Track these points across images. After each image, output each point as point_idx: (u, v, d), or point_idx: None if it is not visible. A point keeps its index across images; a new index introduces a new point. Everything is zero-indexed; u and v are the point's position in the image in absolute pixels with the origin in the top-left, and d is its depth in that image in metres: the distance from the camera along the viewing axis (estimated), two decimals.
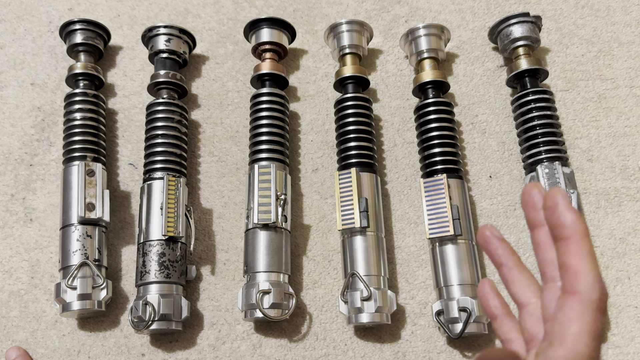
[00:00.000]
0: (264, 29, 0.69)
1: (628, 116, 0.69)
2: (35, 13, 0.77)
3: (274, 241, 0.59)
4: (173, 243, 0.59)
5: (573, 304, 0.28)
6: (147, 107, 0.66)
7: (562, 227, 0.29)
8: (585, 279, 0.28)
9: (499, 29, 0.69)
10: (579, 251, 0.29)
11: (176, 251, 0.59)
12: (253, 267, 0.59)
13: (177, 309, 0.57)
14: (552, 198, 0.29)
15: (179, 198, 0.59)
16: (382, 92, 0.73)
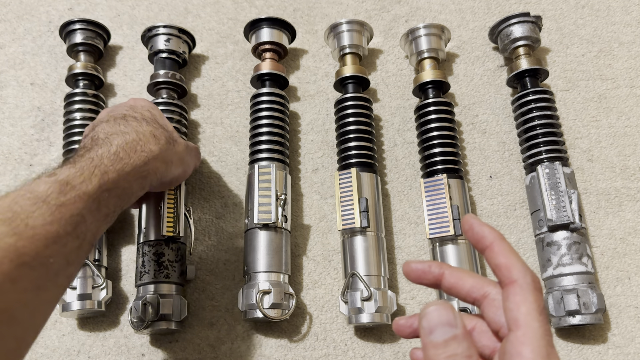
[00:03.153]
0: (264, 28, 0.69)
1: (628, 116, 0.69)
2: (35, 13, 0.77)
3: (274, 241, 0.59)
4: (172, 243, 0.59)
5: (515, 290, 0.32)
6: None
7: (483, 239, 0.35)
8: (516, 268, 0.33)
9: (499, 28, 0.69)
10: (503, 251, 0.34)
11: (175, 251, 0.59)
12: (253, 267, 0.59)
13: (176, 309, 0.57)
14: (467, 222, 0.35)
15: (178, 198, 0.59)
16: (383, 92, 0.73)
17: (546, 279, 0.59)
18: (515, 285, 0.33)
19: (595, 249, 0.63)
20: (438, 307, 0.33)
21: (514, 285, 0.33)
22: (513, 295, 0.32)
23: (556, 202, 0.59)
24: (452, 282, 0.36)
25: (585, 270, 0.57)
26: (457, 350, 0.31)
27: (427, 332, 0.32)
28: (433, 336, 0.32)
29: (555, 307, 0.56)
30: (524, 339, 0.31)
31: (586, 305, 0.55)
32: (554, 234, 0.59)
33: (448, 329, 0.32)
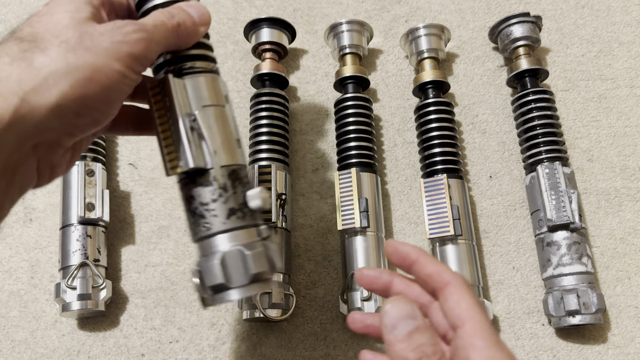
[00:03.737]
0: (264, 28, 0.69)
1: (628, 116, 0.69)
2: None
3: (273, 241, 0.59)
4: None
5: (451, 290, 0.34)
6: None
7: (408, 255, 0.36)
8: (445, 272, 0.35)
9: (499, 28, 0.69)
10: (429, 262, 0.36)
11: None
12: None
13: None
14: (389, 246, 0.37)
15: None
16: (382, 92, 0.73)
17: (546, 279, 0.59)
18: (450, 286, 0.34)
19: (595, 249, 0.63)
20: (396, 302, 0.33)
21: (448, 286, 0.34)
22: (450, 294, 0.34)
23: (556, 202, 0.59)
24: (400, 290, 0.37)
25: (585, 270, 0.57)
26: (422, 340, 0.32)
27: (390, 328, 0.33)
28: (397, 331, 0.32)
29: (555, 307, 0.56)
30: (472, 331, 0.32)
31: (586, 305, 0.55)
32: (554, 234, 0.59)
33: (409, 321, 0.33)
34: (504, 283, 0.62)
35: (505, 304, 0.61)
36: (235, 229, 0.37)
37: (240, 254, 0.36)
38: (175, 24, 0.37)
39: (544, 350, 0.59)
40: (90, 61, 0.33)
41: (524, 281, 0.62)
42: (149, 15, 0.38)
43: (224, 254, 0.36)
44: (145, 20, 0.37)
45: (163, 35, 0.37)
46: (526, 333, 0.60)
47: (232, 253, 0.36)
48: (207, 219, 0.38)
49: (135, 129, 0.44)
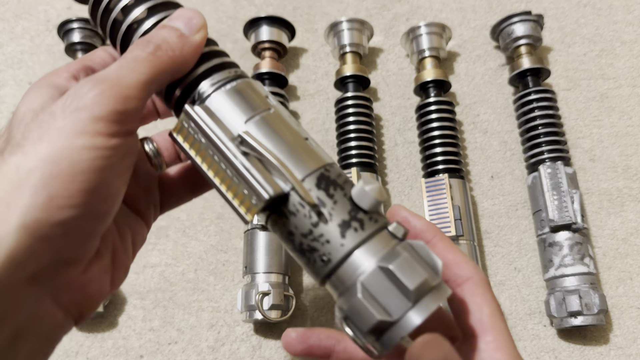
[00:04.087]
0: (263, 27, 0.68)
1: (630, 116, 0.69)
2: (33, 12, 0.77)
3: (273, 242, 0.59)
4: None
5: (472, 289, 0.29)
6: None
7: (422, 233, 0.31)
8: (466, 264, 0.30)
9: (501, 27, 0.69)
10: (448, 247, 0.31)
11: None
12: (252, 268, 0.58)
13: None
14: (398, 214, 0.32)
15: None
16: (383, 91, 0.72)
17: (548, 280, 0.59)
18: (471, 283, 0.30)
19: (597, 249, 0.62)
20: (428, 343, 0.26)
21: (468, 284, 0.30)
22: (471, 295, 0.29)
23: (558, 202, 0.58)
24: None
25: (587, 271, 0.57)
26: None
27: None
28: None
29: (557, 308, 0.56)
30: (496, 343, 0.28)
31: (588, 306, 0.55)
32: (556, 235, 0.58)
33: None
34: (505, 284, 0.62)
35: (507, 305, 0.61)
36: (360, 245, 0.28)
37: (384, 273, 0.27)
38: (152, 49, 0.28)
39: (546, 351, 0.58)
40: (44, 154, 0.25)
41: (525, 282, 0.62)
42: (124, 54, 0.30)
43: (362, 284, 0.27)
44: (107, 69, 0.28)
45: (138, 71, 0.28)
46: (528, 334, 0.59)
47: (372, 277, 0.27)
48: (320, 250, 0.29)
49: (191, 190, 0.37)
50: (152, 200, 0.35)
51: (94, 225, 0.27)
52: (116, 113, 0.26)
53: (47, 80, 0.30)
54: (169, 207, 0.37)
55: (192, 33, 0.30)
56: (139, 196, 0.34)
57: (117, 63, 0.28)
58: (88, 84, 0.27)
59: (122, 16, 0.32)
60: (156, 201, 0.36)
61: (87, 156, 0.25)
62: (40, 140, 0.25)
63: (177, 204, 0.37)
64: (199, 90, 0.31)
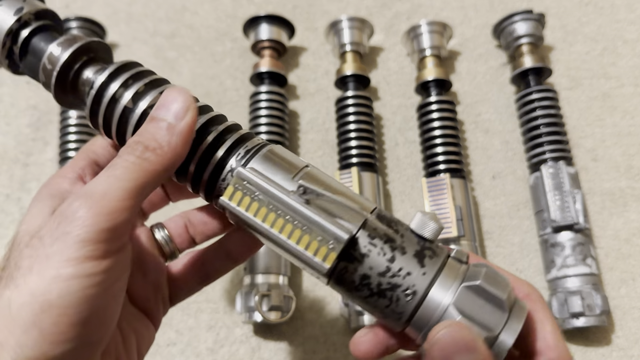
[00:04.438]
0: (263, 26, 0.68)
1: (633, 115, 0.68)
2: None
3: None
4: None
5: (533, 306, 0.29)
6: None
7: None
8: (522, 283, 0.30)
9: (502, 26, 0.68)
10: (496, 267, 0.30)
11: None
12: (252, 268, 0.58)
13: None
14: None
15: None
16: (384, 90, 0.72)
17: (550, 281, 0.58)
18: (530, 301, 0.28)
19: (599, 250, 0.62)
20: (451, 328, 0.26)
21: (527, 301, 0.28)
22: (532, 312, 0.28)
23: (560, 202, 0.58)
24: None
25: (589, 272, 0.57)
26: None
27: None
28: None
29: (559, 309, 0.56)
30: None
31: (590, 307, 0.55)
32: (558, 235, 0.58)
33: (468, 355, 0.25)
34: None
35: None
36: (440, 271, 0.28)
37: (473, 292, 0.27)
38: (140, 152, 0.27)
39: None
40: (34, 287, 0.24)
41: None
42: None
43: (456, 307, 0.27)
44: (94, 181, 0.27)
45: (127, 179, 0.26)
46: None
47: (463, 299, 0.27)
48: (403, 284, 0.28)
49: (201, 280, 0.35)
50: (160, 297, 0.34)
51: (90, 353, 0.26)
52: (105, 231, 0.25)
53: (50, 188, 0.30)
54: (179, 300, 0.35)
55: (179, 119, 0.28)
56: (147, 294, 0.33)
57: (105, 172, 0.27)
58: (75, 203, 0.25)
59: (112, 106, 0.31)
60: (165, 297, 0.34)
61: (76, 287, 0.24)
62: (30, 272, 0.24)
63: (186, 296, 0.36)
64: (232, 162, 0.31)
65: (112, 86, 0.31)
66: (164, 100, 0.29)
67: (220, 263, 0.34)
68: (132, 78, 0.32)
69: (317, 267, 0.28)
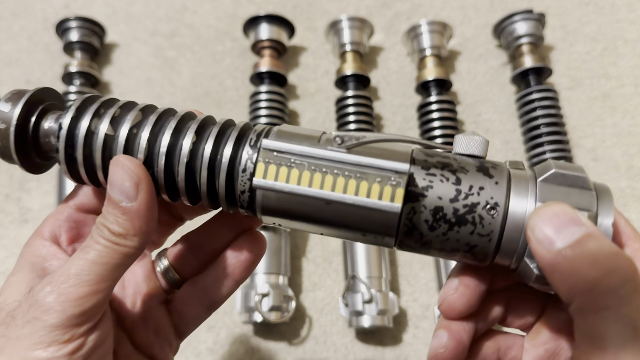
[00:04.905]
0: (263, 25, 0.68)
1: (633, 115, 0.68)
2: (31, 10, 0.76)
3: (273, 242, 0.58)
4: None
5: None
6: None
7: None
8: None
9: (502, 25, 0.68)
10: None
11: None
12: None
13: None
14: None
15: None
16: (384, 90, 0.71)
17: None
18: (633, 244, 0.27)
19: None
20: (548, 206, 0.23)
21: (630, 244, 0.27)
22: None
23: None
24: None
25: None
26: (601, 247, 0.22)
27: (548, 242, 0.23)
28: (559, 242, 0.22)
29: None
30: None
31: None
32: None
33: (575, 227, 0.23)
34: None
35: None
36: (510, 178, 0.26)
37: (552, 183, 0.26)
38: (108, 235, 0.27)
39: None
40: None
41: None
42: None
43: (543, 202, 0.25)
44: (68, 263, 0.27)
45: (98, 262, 0.26)
46: None
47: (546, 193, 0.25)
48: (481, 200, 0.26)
49: (208, 307, 0.34)
50: (165, 340, 0.33)
51: None
52: (73, 317, 0.25)
53: (30, 253, 0.30)
54: (188, 332, 0.34)
55: (132, 199, 0.27)
56: (150, 341, 0.33)
57: (79, 254, 0.27)
58: (46, 288, 0.26)
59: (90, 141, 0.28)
60: (170, 339, 0.34)
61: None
62: (1, 353, 0.25)
63: (195, 326, 0.35)
64: (247, 150, 0.28)
65: (83, 121, 0.28)
66: (112, 178, 0.27)
67: (221, 286, 0.33)
68: (102, 107, 0.29)
69: (387, 211, 0.25)
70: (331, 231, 0.27)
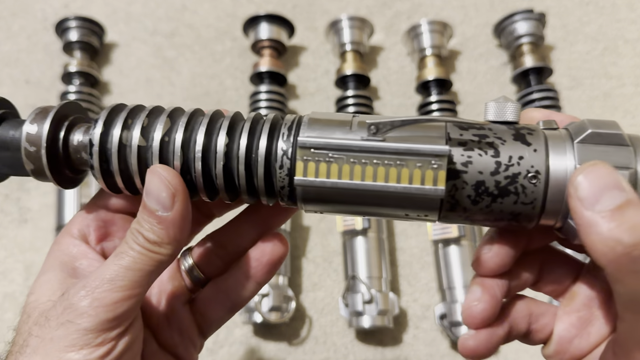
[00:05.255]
0: (262, 25, 0.68)
1: (634, 115, 0.68)
2: (30, 10, 0.76)
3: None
4: None
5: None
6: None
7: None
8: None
9: (503, 25, 0.68)
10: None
11: None
12: None
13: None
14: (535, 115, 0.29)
15: None
16: (384, 90, 0.71)
17: None
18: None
19: None
20: (593, 167, 0.23)
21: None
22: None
23: None
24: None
25: None
26: (637, 212, 0.22)
27: (590, 202, 0.23)
28: (600, 205, 0.22)
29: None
30: None
31: None
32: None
33: (617, 192, 0.23)
34: None
35: None
36: (547, 142, 0.26)
37: (589, 144, 0.26)
38: (142, 242, 0.27)
39: None
40: None
41: None
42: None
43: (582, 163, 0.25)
44: (103, 268, 0.27)
45: (133, 268, 0.27)
46: None
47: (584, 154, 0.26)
48: (522, 170, 0.26)
49: (230, 308, 0.34)
50: (189, 340, 0.34)
51: None
52: (106, 322, 0.26)
53: (60, 252, 0.30)
54: (211, 331, 0.35)
55: (168, 209, 0.27)
56: (174, 341, 0.33)
57: (113, 259, 0.27)
58: (81, 292, 0.26)
59: (123, 154, 0.28)
60: (194, 338, 0.34)
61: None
62: (35, 353, 0.26)
63: (218, 326, 0.35)
64: (282, 145, 0.28)
65: (114, 134, 0.28)
66: (149, 188, 0.27)
67: (242, 288, 0.33)
68: (129, 117, 0.28)
69: (431, 195, 0.25)
70: (374, 213, 0.28)
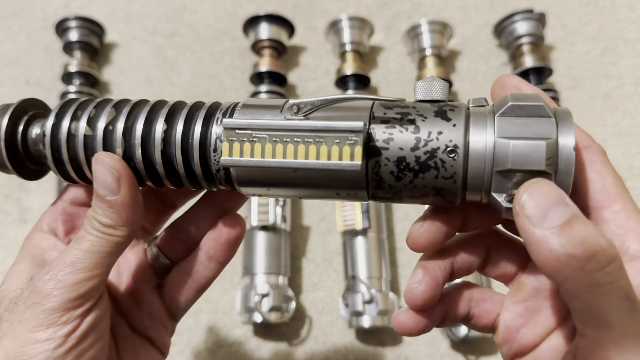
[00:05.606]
0: (262, 25, 0.68)
1: (634, 115, 0.68)
2: (30, 10, 0.76)
3: (273, 242, 0.58)
4: None
5: (592, 158, 0.27)
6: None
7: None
8: (582, 133, 0.29)
9: (503, 25, 0.68)
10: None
11: None
12: (251, 269, 0.58)
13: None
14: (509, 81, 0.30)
15: None
16: (384, 90, 0.71)
17: None
18: (589, 152, 0.27)
19: None
20: (537, 184, 0.23)
21: (586, 153, 0.27)
22: (591, 163, 0.27)
23: None
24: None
25: None
26: (586, 230, 0.22)
27: (537, 220, 0.23)
28: (548, 222, 0.22)
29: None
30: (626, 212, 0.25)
31: None
32: None
33: (562, 208, 0.22)
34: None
35: None
36: (468, 118, 0.27)
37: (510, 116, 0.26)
38: (98, 226, 0.29)
39: None
40: (8, 348, 0.27)
41: None
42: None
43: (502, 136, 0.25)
44: (65, 252, 0.29)
45: (92, 250, 0.29)
46: None
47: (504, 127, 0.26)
48: (440, 145, 0.26)
49: (198, 288, 0.35)
50: (159, 323, 0.35)
51: None
52: (69, 301, 0.28)
53: (31, 246, 0.32)
54: (181, 314, 0.36)
55: (115, 193, 0.29)
56: (145, 324, 0.35)
57: (74, 244, 0.29)
58: (46, 276, 0.28)
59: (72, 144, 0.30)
60: (164, 320, 0.35)
61: (41, 349, 0.27)
62: (6, 335, 0.28)
63: (186, 309, 0.36)
64: (215, 130, 0.29)
65: (63, 125, 0.30)
66: (96, 175, 0.29)
67: (205, 268, 0.35)
68: (79, 109, 0.31)
69: (348, 169, 0.26)
70: (307, 194, 0.29)
